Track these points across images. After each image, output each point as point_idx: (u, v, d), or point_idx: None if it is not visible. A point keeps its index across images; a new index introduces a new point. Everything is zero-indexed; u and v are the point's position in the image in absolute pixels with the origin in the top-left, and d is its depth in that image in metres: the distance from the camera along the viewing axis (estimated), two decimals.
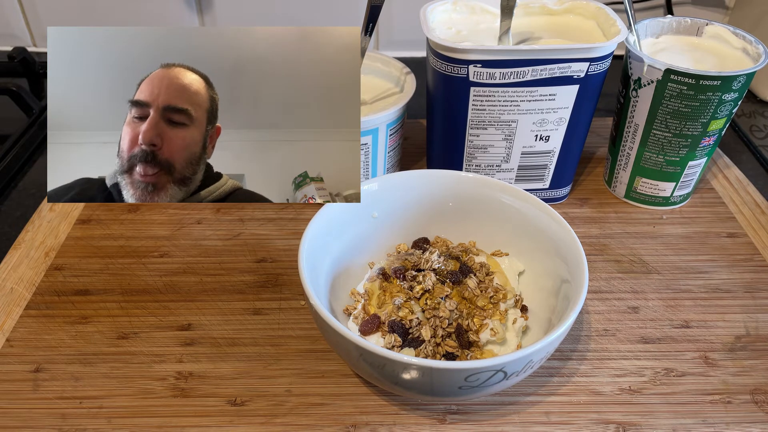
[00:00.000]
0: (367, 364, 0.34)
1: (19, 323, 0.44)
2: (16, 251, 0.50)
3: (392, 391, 0.38)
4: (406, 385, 0.34)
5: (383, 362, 0.33)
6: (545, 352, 0.34)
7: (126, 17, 0.83)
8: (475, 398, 0.38)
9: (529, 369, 0.35)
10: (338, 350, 0.36)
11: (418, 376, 0.33)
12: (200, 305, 0.45)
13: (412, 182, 0.46)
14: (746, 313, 0.45)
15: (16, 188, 0.59)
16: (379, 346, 0.34)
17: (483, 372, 0.32)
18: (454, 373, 0.32)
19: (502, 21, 0.50)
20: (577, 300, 0.35)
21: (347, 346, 0.34)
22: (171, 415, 0.38)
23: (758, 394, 0.39)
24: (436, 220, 0.47)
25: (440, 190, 0.46)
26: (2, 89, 0.67)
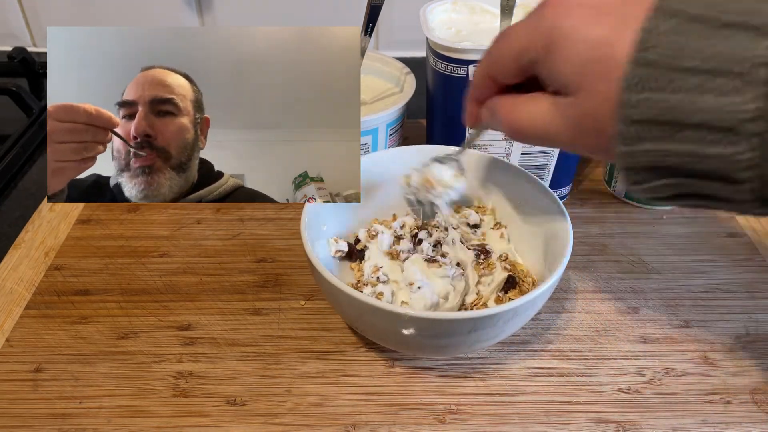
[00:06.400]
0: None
1: (19, 323, 0.44)
2: (16, 251, 0.50)
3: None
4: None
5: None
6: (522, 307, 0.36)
7: (126, 17, 0.83)
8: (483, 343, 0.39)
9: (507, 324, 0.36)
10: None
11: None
12: (200, 305, 0.45)
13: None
14: (746, 313, 0.45)
15: (16, 188, 0.59)
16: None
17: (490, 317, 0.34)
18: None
19: (502, 21, 0.50)
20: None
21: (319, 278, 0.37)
22: (171, 415, 0.38)
23: (758, 394, 0.39)
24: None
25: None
26: (2, 89, 0.67)
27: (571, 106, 0.28)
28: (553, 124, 0.29)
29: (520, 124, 0.31)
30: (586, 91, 0.26)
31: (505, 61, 0.31)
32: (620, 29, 0.25)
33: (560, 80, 0.28)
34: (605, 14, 0.26)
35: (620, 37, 0.25)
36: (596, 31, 0.26)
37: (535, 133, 0.31)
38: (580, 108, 0.27)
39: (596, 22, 0.26)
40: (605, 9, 0.26)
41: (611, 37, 0.25)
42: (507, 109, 0.32)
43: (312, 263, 0.37)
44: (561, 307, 0.45)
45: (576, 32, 0.26)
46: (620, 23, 0.25)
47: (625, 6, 0.25)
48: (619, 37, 0.25)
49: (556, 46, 0.27)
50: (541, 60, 0.29)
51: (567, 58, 0.27)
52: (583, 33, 0.26)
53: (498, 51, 0.32)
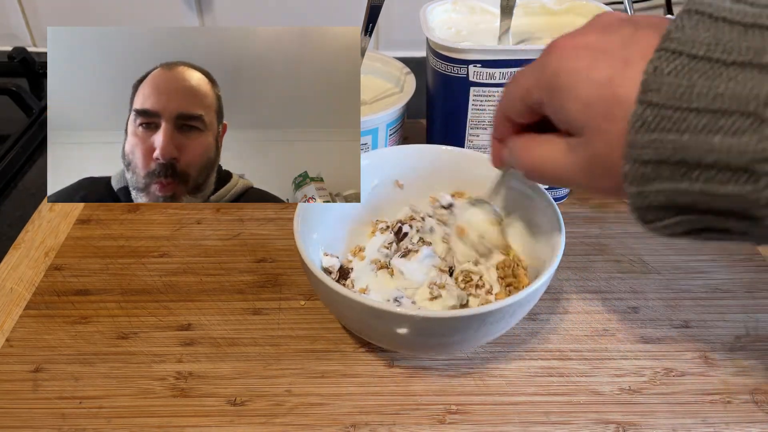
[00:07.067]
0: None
1: (19, 323, 0.44)
2: (16, 251, 0.50)
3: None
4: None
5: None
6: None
7: (126, 17, 0.83)
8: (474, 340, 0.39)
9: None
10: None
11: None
12: (200, 305, 0.45)
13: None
14: (746, 313, 0.45)
15: (16, 188, 0.59)
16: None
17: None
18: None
19: (502, 21, 0.50)
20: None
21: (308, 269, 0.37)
22: (171, 415, 0.38)
23: (758, 394, 0.39)
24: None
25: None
26: (2, 89, 0.67)
27: (580, 147, 0.28)
28: (566, 165, 0.30)
29: (534, 164, 0.32)
30: (594, 131, 0.27)
31: (515, 102, 0.32)
32: (624, 70, 0.25)
33: (567, 121, 0.28)
34: (608, 56, 0.26)
35: (624, 78, 0.25)
36: (600, 72, 0.26)
37: (551, 174, 0.31)
38: (589, 148, 0.27)
39: (599, 63, 0.26)
40: (608, 50, 0.26)
41: (615, 77, 0.25)
42: (522, 150, 0.33)
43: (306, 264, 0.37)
44: (561, 307, 0.45)
45: (579, 73, 0.27)
46: (623, 64, 0.25)
47: (627, 48, 0.26)
48: (623, 78, 0.25)
49: (560, 87, 0.28)
50: (546, 101, 0.29)
51: (572, 98, 0.27)
52: (587, 74, 0.26)
53: (509, 92, 0.33)
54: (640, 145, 0.24)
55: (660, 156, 0.23)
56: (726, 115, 0.22)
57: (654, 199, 0.25)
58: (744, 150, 0.21)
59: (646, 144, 0.24)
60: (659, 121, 0.23)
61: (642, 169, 0.24)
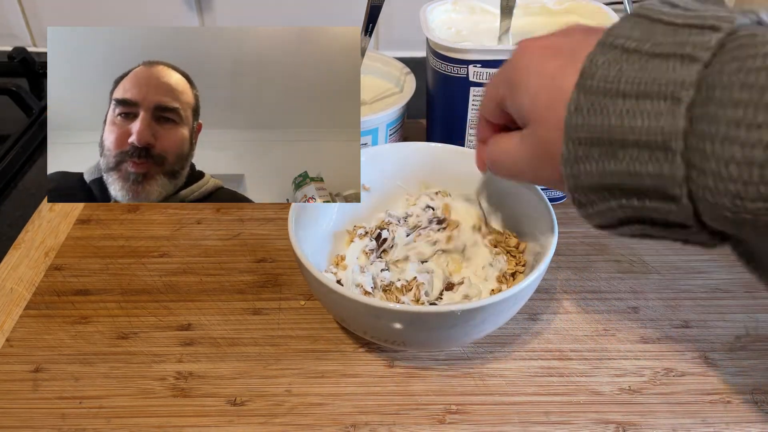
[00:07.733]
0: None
1: (19, 323, 0.44)
2: (16, 251, 0.50)
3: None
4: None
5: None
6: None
7: (126, 17, 0.83)
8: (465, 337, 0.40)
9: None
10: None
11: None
12: (200, 305, 0.45)
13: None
14: (746, 313, 0.45)
15: (16, 188, 0.59)
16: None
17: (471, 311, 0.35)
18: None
19: (502, 21, 0.50)
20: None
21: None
22: (171, 415, 0.38)
23: (758, 394, 0.39)
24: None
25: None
26: (2, 89, 0.66)
27: (527, 137, 0.30)
28: (516, 156, 0.32)
29: (493, 159, 0.34)
30: (538, 120, 0.29)
31: (487, 101, 0.34)
32: (569, 63, 0.27)
33: (520, 114, 0.30)
34: (559, 53, 0.28)
35: (568, 70, 0.27)
36: (548, 67, 0.28)
37: (506, 167, 0.33)
38: (534, 136, 0.29)
39: (550, 59, 0.28)
40: (561, 49, 0.29)
41: (560, 71, 0.28)
42: (490, 147, 0.35)
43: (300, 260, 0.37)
44: (561, 306, 0.46)
45: (530, 69, 0.29)
46: (570, 59, 0.27)
47: (577, 45, 0.28)
48: (567, 70, 0.27)
49: (516, 82, 0.30)
50: (508, 97, 0.31)
51: (523, 92, 0.30)
52: (536, 69, 0.29)
53: (485, 93, 0.35)
54: (574, 126, 0.25)
55: (591, 136, 0.25)
56: (648, 99, 0.23)
57: (585, 180, 0.26)
58: (661, 130, 0.23)
59: (580, 126, 0.25)
60: (591, 104, 0.25)
61: (575, 149, 0.26)
